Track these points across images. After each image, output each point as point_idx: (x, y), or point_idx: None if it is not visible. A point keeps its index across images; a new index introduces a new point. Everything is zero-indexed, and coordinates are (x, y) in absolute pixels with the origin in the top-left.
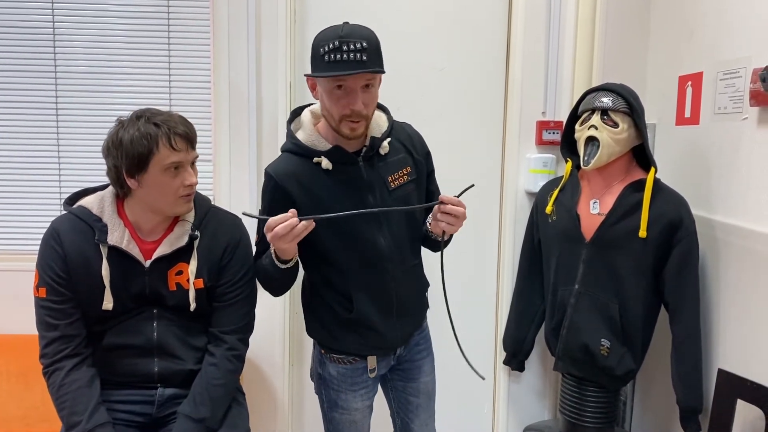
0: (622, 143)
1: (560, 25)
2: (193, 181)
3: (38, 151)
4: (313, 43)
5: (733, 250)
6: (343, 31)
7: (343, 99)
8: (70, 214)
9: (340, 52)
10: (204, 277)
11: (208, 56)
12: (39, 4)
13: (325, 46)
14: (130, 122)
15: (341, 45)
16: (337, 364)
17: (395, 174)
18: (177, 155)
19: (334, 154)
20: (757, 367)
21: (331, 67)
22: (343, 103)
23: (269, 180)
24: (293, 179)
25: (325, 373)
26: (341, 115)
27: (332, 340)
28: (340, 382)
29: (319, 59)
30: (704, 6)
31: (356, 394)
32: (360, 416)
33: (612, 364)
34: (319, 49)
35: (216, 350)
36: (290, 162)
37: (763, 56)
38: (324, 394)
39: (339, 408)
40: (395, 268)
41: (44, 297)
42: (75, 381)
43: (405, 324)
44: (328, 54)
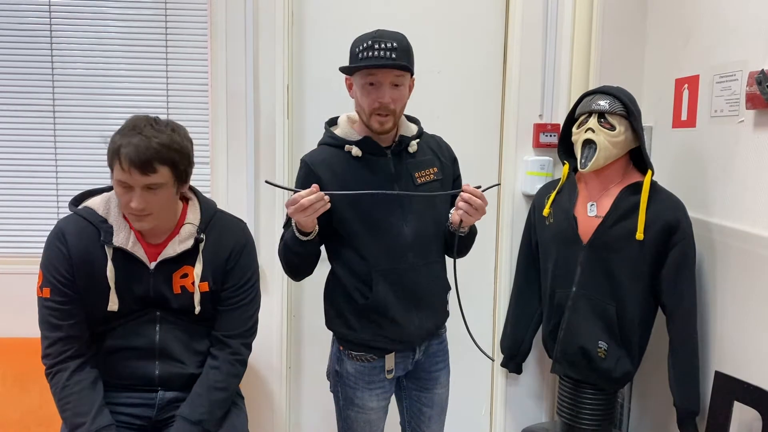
0: (619, 146)
1: (557, 28)
2: (135, 206)
3: (35, 154)
4: (351, 46)
5: (730, 253)
6: (378, 33)
7: (373, 93)
8: (75, 215)
9: (373, 50)
10: (209, 281)
11: (205, 60)
12: (36, 7)
13: (359, 45)
14: (120, 131)
15: (374, 44)
16: (355, 362)
17: (422, 171)
18: (124, 176)
19: (363, 143)
20: (753, 370)
21: (364, 62)
22: (372, 97)
23: (304, 166)
24: (325, 165)
25: (342, 370)
26: (371, 109)
27: (349, 331)
28: (357, 380)
29: (354, 57)
30: (700, 9)
31: (372, 393)
32: (375, 416)
33: (609, 367)
34: (354, 49)
35: (219, 354)
36: (324, 151)
37: (759, 59)
38: (340, 391)
39: (355, 406)
40: (416, 258)
41: (48, 297)
42: (79, 382)
43: (423, 318)
44: (362, 52)
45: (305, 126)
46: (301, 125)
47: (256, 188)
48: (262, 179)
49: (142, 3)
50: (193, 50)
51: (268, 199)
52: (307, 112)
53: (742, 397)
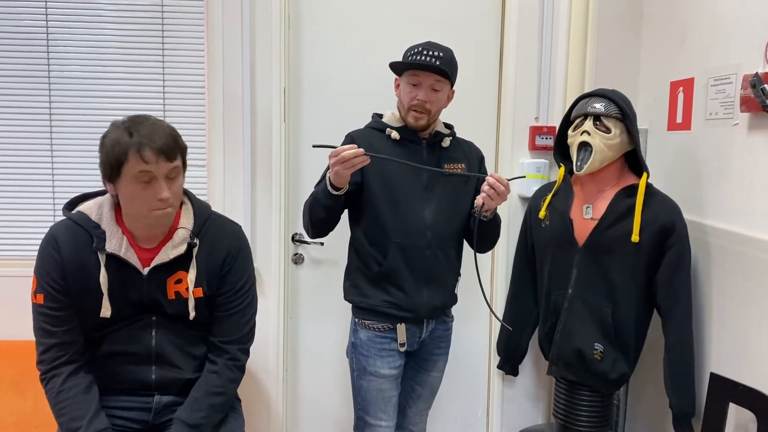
0: (614, 148)
1: (553, 31)
2: (165, 195)
3: (32, 156)
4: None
5: (725, 255)
6: (429, 42)
7: (414, 91)
8: (68, 220)
9: (420, 55)
10: (203, 286)
11: (202, 62)
12: (33, 9)
13: (411, 50)
14: (115, 128)
15: (423, 50)
16: (368, 330)
17: (451, 164)
18: (147, 167)
19: (402, 129)
20: (749, 371)
21: (410, 63)
22: (412, 95)
23: (347, 139)
24: (366, 141)
25: (356, 340)
26: (409, 105)
27: (363, 299)
28: (369, 348)
29: (404, 58)
30: (695, 13)
31: (384, 361)
32: (387, 385)
33: (605, 369)
34: (406, 53)
35: (217, 359)
36: (368, 131)
37: (754, 63)
38: (355, 361)
39: (368, 374)
40: (434, 237)
41: (42, 303)
42: (73, 387)
43: (431, 294)
44: (411, 56)
45: (302, 129)
46: (298, 128)
47: (253, 191)
48: (258, 182)
49: (139, 5)
50: (190, 53)
51: (264, 201)
52: (304, 116)
53: (737, 398)
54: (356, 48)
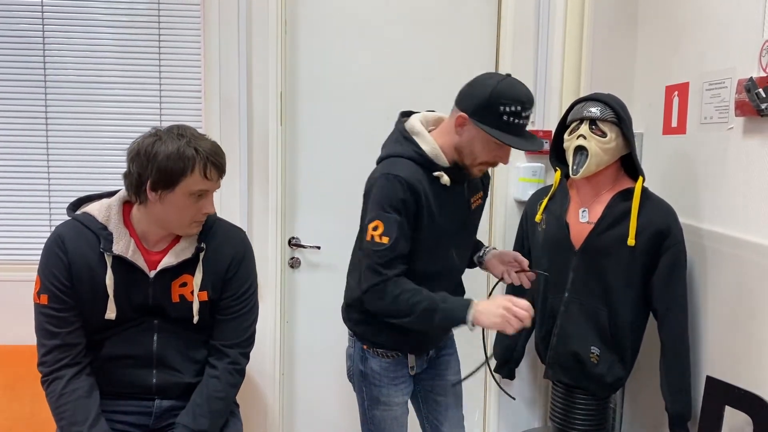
0: (610, 152)
1: (548, 35)
2: (211, 210)
3: (28, 160)
4: (488, 93)
5: (721, 258)
6: (522, 94)
7: (497, 153)
8: (74, 220)
9: (519, 118)
10: (208, 290)
11: (198, 66)
12: (29, 13)
13: (507, 106)
14: (169, 137)
15: (521, 111)
16: (380, 358)
17: (474, 196)
18: (206, 184)
19: (453, 172)
20: (744, 374)
21: (511, 130)
22: (493, 156)
23: (405, 186)
24: (419, 183)
25: (367, 369)
26: (484, 162)
27: (375, 336)
28: (382, 377)
29: (495, 114)
30: (690, 17)
31: (397, 389)
32: (400, 412)
33: (601, 372)
34: (498, 105)
35: (218, 363)
36: (414, 170)
37: (748, 67)
38: (365, 391)
39: (381, 404)
40: (456, 277)
41: (45, 304)
42: (75, 390)
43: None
44: (508, 115)
45: (298, 133)
46: (294, 132)
47: (249, 194)
48: (255, 186)
49: (135, 9)
50: (187, 56)
51: (261, 205)
52: (300, 119)
53: (733, 401)
54: (353, 51)
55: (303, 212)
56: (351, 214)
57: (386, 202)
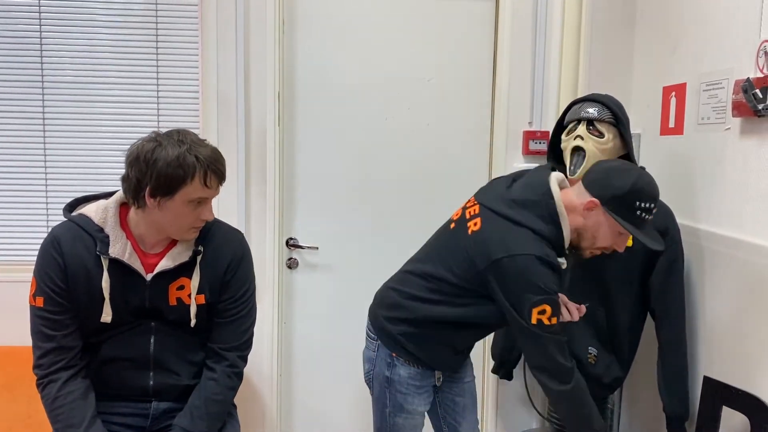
0: (607, 153)
1: (546, 36)
2: (210, 217)
3: (25, 161)
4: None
5: (718, 258)
6: (656, 191)
7: (617, 241)
8: (70, 222)
9: (650, 214)
10: (206, 293)
11: (196, 67)
12: (26, 14)
13: (643, 202)
14: (170, 143)
15: (653, 208)
16: (409, 366)
17: None
18: (206, 192)
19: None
20: (742, 374)
21: (641, 225)
22: (612, 243)
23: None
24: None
25: (394, 376)
26: (603, 248)
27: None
28: (409, 385)
29: (630, 207)
30: (687, 18)
31: (421, 398)
32: (420, 420)
33: (599, 372)
34: (635, 200)
35: (216, 366)
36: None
37: (745, 68)
38: (389, 398)
39: (404, 412)
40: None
41: (41, 306)
42: (70, 393)
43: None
44: (642, 212)
45: (296, 134)
46: (292, 133)
47: (247, 195)
48: (252, 186)
49: (132, 10)
50: (184, 57)
51: (258, 206)
52: (298, 120)
53: (730, 401)
54: (351, 51)
55: (301, 213)
56: (349, 214)
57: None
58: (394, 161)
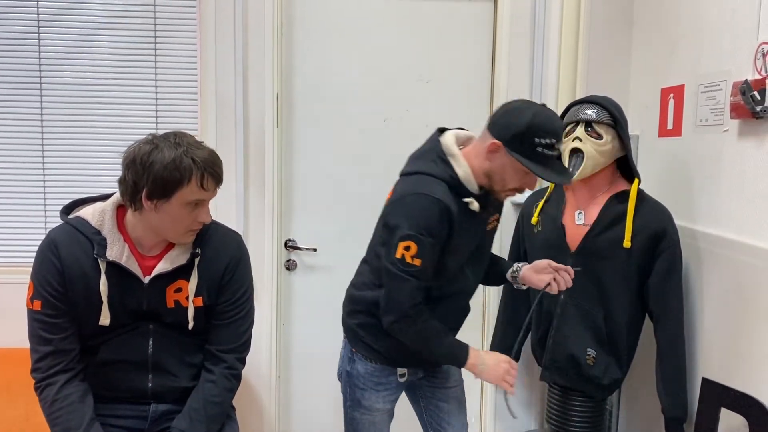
0: (606, 155)
1: (544, 38)
2: (207, 220)
3: (23, 162)
4: (525, 122)
5: (716, 260)
6: (557, 126)
7: (525, 181)
8: (68, 225)
9: (552, 149)
10: (203, 296)
11: (194, 68)
12: (24, 15)
13: (542, 138)
14: (166, 145)
15: (555, 143)
16: (366, 362)
17: (491, 218)
18: (203, 194)
19: (482, 199)
20: (740, 376)
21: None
22: (521, 183)
23: (437, 204)
24: (454, 211)
25: (353, 371)
26: (512, 189)
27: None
28: (366, 381)
29: (530, 145)
30: (685, 20)
31: (379, 395)
32: (380, 418)
33: (598, 374)
34: (533, 137)
35: (214, 368)
36: (447, 194)
37: (743, 70)
38: (348, 392)
39: (361, 407)
40: (470, 295)
41: (39, 310)
42: (68, 396)
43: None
44: (543, 147)
45: (294, 135)
46: (290, 134)
47: (246, 197)
48: (251, 188)
49: (131, 11)
50: (183, 59)
51: (257, 208)
52: (296, 122)
53: (728, 403)
54: (350, 53)
55: (299, 214)
56: (347, 216)
57: (423, 224)
58: (393, 163)
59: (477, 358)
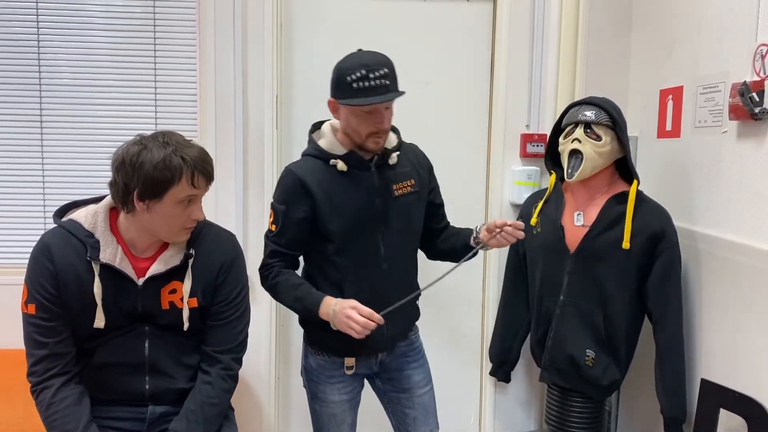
0: (605, 156)
1: (543, 39)
2: (200, 216)
3: (22, 163)
4: (336, 71)
5: (715, 261)
6: (365, 58)
7: (371, 120)
8: (61, 228)
9: (367, 80)
10: (198, 296)
11: (194, 69)
12: (24, 16)
13: (351, 74)
14: (155, 146)
15: (367, 73)
16: (316, 356)
17: (400, 183)
18: (195, 191)
19: (349, 158)
20: (739, 377)
21: (362, 94)
22: (369, 124)
23: (291, 176)
24: (311, 175)
25: (307, 365)
26: (368, 134)
27: (318, 333)
28: (319, 374)
29: (346, 86)
30: (684, 22)
31: (333, 387)
32: (339, 410)
33: (597, 375)
34: (345, 78)
35: (210, 369)
36: (310, 163)
37: (742, 71)
38: (308, 386)
39: (319, 400)
40: (390, 269)
41: (33, 314)
42: (64, 399)
43: (391, 326)
44: (356, 82)
45: (294, 136)
46: (290, 136)
47: (245, 198)
48: (250, 189)
49: (130, 12)
50: (182, 60)
51: (256, 209)
52: (296, 123)
53: (727, 404)
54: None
55: None
56: None
57: (277, 194)
58: None
59: (328, 307)
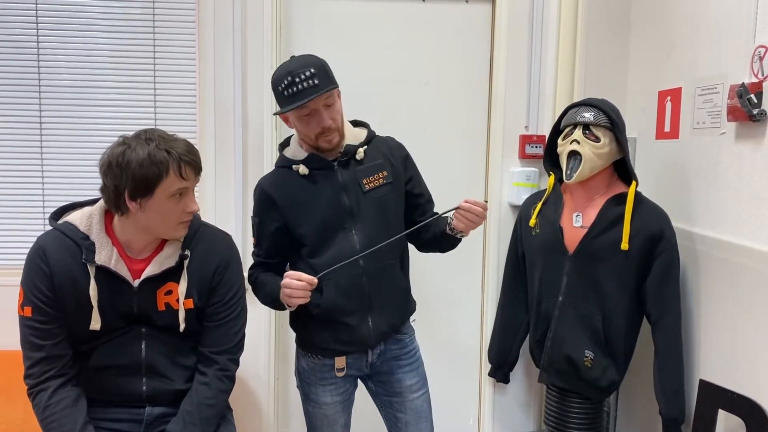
0: (603, 157)
1: (542, 40)
2: (195, 208)
3: (22, 165)
4: (271, 85)
5: (713, 262)
6: (291, 65)
7: (312, 122)
8: (56, 231)
9: (294, 85)
10: (194, 298)
11: (193, 71)
12: (23, 17)
13: (280, 84)
14: (138, 144)
15: (293, 78)
16: (307, 358)
17: (370, 177)
18: (184, 183)
19: (309, 161)
20: (737, 378)
21: (292, 99)
22: (313, 125)
23: (258, 189)
24: (275, 186)
25: (299, 367)
26: (315, 134)
27: (306, 333)
28: (311, 376)
29: (279, 95)
30: (682, 23)
31: (325, 389)
32: (331, 411)
33: (596, 376)
34: (277, 88)
35: (207, 370)
36: (276, 173)
37: (740, 73)
38: (301, 387)
39: (311, 401)
40: (368, 264)
41: (29, 316)
42: (61, 401)
43: (376, 321)
44: (285, 89)
45: None
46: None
47: (244, 199)
48: (250, 190)
49: (130, 14)
50: (181, 61)
51: None
52: None
53: (726, 405)
54: (347, 55)
55: None
56: None
57: (254, 208)
58: None
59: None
